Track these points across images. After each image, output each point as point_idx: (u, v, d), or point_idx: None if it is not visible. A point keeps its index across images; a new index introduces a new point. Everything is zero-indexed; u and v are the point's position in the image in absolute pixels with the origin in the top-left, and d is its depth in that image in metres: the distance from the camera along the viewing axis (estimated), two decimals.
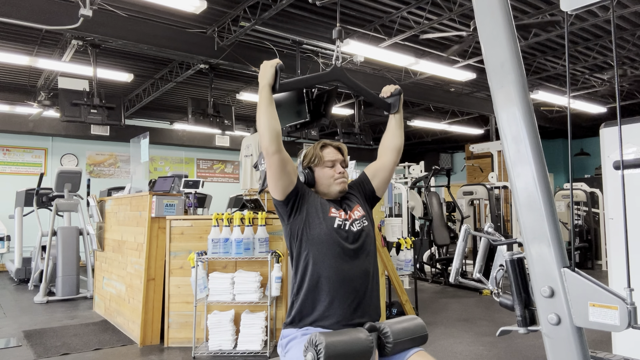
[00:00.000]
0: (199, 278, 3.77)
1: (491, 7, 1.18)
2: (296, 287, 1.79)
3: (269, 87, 1.72)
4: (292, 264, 1.84)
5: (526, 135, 1.12)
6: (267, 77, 1.72)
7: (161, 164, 11.36)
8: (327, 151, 1.90)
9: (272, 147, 1.69)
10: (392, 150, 1.98)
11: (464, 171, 13.32)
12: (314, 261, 1.75)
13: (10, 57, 6.02)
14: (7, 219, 8.42)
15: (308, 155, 1.90)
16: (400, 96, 1.97)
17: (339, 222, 1.79)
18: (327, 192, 1.88)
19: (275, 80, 1.71)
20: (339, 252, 1.75)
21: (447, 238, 7.21)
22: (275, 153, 1.70)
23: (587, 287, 1.03)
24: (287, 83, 1.75)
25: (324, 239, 1.76)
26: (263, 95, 1.71)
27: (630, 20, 6.00)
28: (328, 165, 1.88)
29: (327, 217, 1.79)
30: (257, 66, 6.52)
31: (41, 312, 5.44)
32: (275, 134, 1.70)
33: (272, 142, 1.69)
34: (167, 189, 4.48)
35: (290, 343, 1.73)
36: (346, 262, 1.75)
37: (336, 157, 1.89)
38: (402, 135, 1.99)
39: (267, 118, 1.69)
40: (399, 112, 1.98)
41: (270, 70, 1.72)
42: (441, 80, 8.20)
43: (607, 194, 3.02)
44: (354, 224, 1.83)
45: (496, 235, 1.39)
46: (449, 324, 4.75)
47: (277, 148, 1.70)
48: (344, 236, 1.78)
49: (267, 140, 1.69)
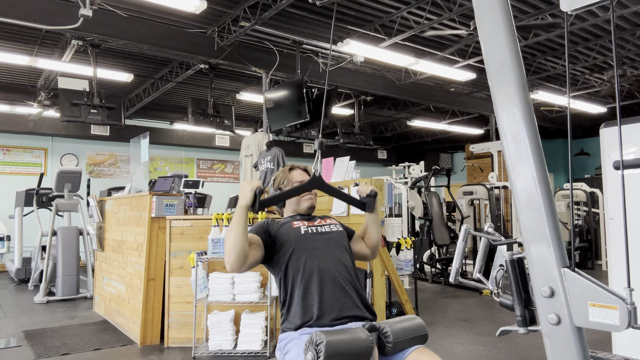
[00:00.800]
0: (199, 278, 3.77)
1: (491, 7, 1.18)
2: (282, 300, 1.88)
3: (246, 208, 1.75)
4: (278, 287, 1.93)
5: (526, 135, 1.12)
6: (245, 199, 1.74)
7: (161, 164, 11.36)
8: (295, 173, 2.10)
9: (236, 265, 1.75)
10: (369, 247, 2.12)
11: (464, 171, 13.32)
12: (294, 270, 1.85)
13: (10, 57, 6.02)
14: (7, 219, 8.42)
15: (278, 178, 2.12)
16: (376, 198, 2.04)
17: (304, 229, 1.94)
18: (297, 209, 2.06)
19: (254, 203, 1.75)
20: (310, 247, 1.88)
21: (447, 238, 7.21)
22: (240, 268, 1.76)
23: (587, 287, 1.03)
24: (265, 200, 1.81)
25: (295, 246, 1.88)
26: (238, 215, 1.75)
27: (630, 20, 6.00)
28: (296, 184, 2.04)
29: (292, 229, 1.94)
30: (257, 66, 6.53)
31: (41, 312, 5.45)
32: (242, 253, 1.74)
33: (237, 261, 1.74)
34: (167, 189, 4.48)
35: (288, 345, 1.75)
36: (323, 259, 1.86)
37: (303, 178, 2.07)
38: (379, 232, 2.11)
39: (235, 239, 1.72)
40: (375, 211, 2.06)
41: (250, 194, 1.75)
42: (441, 80, 8.20)
43: (607, 194, 3.02)
44: (320, 228, 1.98)
45: (496, 235, 1.39)
46: (449, 324, 4.75)
47: (241, 264, 1.75)
48: (311, 237, 1.92)
49: (232, 260, 1.73)
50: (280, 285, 1.90)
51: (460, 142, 13.56)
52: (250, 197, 1.74)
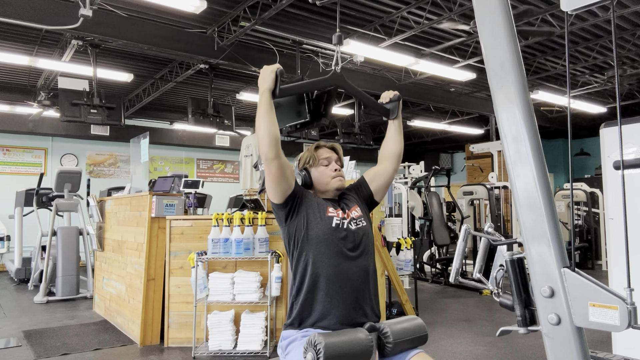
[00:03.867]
0: (199, 278, 3.77)
1: (491, 7, 1.18)
2: (295, 288, 1.79)
3: (269, 91, 1.71)
4: (291, 266, 1.84)
5: (526, 135, 1.12)
6: (267, 82, 1.70)
7: (161, 164, 11.36)
8: (321, 151, 1.94)
9: (271, 153, 1.68)
10: (391, 157, 1.98)
11: (464, 171, 13.33)
12: (313, 261, 1.75)
13: (10, 57, 6.02)
14: (7, 219, 8.42)
15: (303, 158, 1.95)
16: (399, 102, 1.97)
17: (337, 221, 1.80)
18: (324, 191, 1.90)
19: (276, 85, 1.70)
20: (337, 251, 1.76)
21: (447, 238, 7.21)
22: (274, 159, 1.69)
23: (587, 287, 1.03)
24: (286, 88, 1.74)
25: (323, 238, 1.76)
26: (263, 100, 1.70)
27: (630, 20, 6.00)
28: (323, 164, 1.91)
29: (325, 216, 1.80)
30: (257, 66, 6.52)
31: (41, 312, 5.44)
32: (275, 139, 1.69)
33: (271, 147, 1.68)
34: (167, 189, 4.48)
35: (290, 345, 1.72)
36: (345, 261, 1.76)
37: (330, 155, 1.93)
38: (401, 141, 1.99)
39: (266, 123, 1.68)
40: (398, 117, 1.98)
41: (271, 75, 1.71)
42: (441, 80, 8.20)
43: (607, 194, 3.02)
44: (352, 223, 1.83)
45: (496, 235, 1.39)
46: (449, 324, 4.75)
47: (276, 154, 1.69)
48: (342, 235, 1.79)
49: (266, 145, 1.68)
50: (293, 266, 1.81)
51: (460, 142, 13.56)
52: (272, 79, 1.69)
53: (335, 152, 1.95)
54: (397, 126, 1.99)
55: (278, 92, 1.70)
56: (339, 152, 1.97)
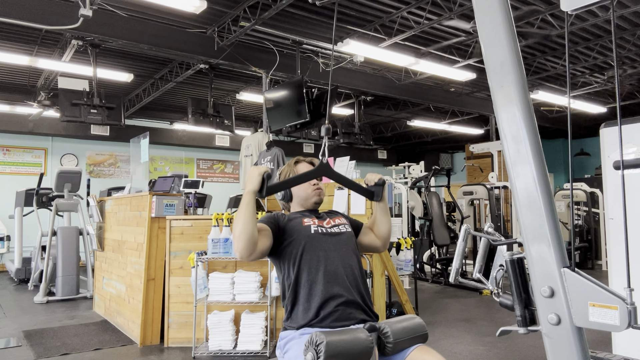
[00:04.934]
0: (199, 278, 3.77)
1: (491, 7, 1.18)
2: (290, 297, 1.84)
3: (254, 193, 1.73)
4: (280, 282, 1.92)
5: (526, 135, 1.12)
6: (253, 184, 1.72)
7: (161, 164, 11.36)
8: (300, 166, 2.06)
9: (246, 252, 1.71)
10: (381, 238, 2.08)
11: (464, 171, 13.32)
12: (299, 267, 1.83)
13: (10, 57, 6.02)
14: (7, 219, 8.42)
15: (284, 172, 2.08)
16: (384, 186, 2.01)
17: (314, 228, 1.90)
18: (304, 204, 2.02)
19: (262, 187, 1.73)
20: (323, 254, 1.84)
21: (447, 238, 7.21)
22: (250, 256, 1.73)
23: (587, 287, 1.03)
24: (273, 186, 1.78)
25: (304, 245, 1.85)
26: (246, 200, 1.73)
27: (630, 20, 6.00)
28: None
29: (302, 227, 1.90)
30: (257, 66, 6.52)
31: (41, 312, 5.44)
32: (251, 239, 1.71)
33: (246, 247, 1.71)
34: (167, 189, 4.48)
35: (288, 344, 1.75)
36: (329, 260, 1.83)
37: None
38: (389, 222, 2.07)
39: (244, 223, 1.70)
40: (383, 200, 2.03)
41: (258, 178, 1.73)
42: (441, 80, 8.20)
43: (607, 194, 3.02)
44: (333, 228, 1.94)
45: (496, 235, 1.39)
46: (449, 324, 4.75)
47: (251, 251, 1.72)
48: (321, 237, 1.88)
49: (241, 245, 1.70)
50: (284, 281, 1.88)
51: (460, 142, 13.56)
52: (258, 182, 1.72)
53: (313, 167, 2.04)
54: (383, 208, 2.05)
55: (265, 192, 1.74)
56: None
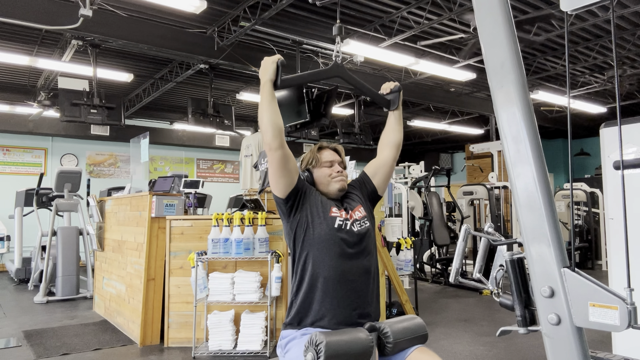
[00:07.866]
0: (199, 278, 3.77)
1: (491, 7, 1.18)
2: (295, 286, 1.80)
3: (271, 82, 1.72)
4: (292, 263, 1.85)
5: (526, 135, 1.12)
6: (268, 73, 1.72)
7: (161, 164, 11.36)
8: (324, 153, 1.95)
9: (274, 143, 1.69)
10: (391, 146, 2.00)
11: (464, 171, 13.32)
12: (314, 261, 1.76)
13: (10, 57, 6.01)
14: (7, 219, 8.42)
15: (306, 158, 1.97)
16: (400, 93, 1.99)
17: (339, 222, 1.80)
18: (327, 192, 1.91)
19: (277, 76, 1.71)
20: (339, 252, 1.76)
21: (447, 238, 7.21)
22: (278, 149, 1.70)
23: (587, 287, 1.03)
24: (288, 79, 1.74)
25: (324, 238, 1.77)
26: (265, 91, 1.71)
27: (630, 20, 6.00)
28: (326, 165, 1.92)
29: (328, 216, 1.80)
30: (257, 66, 6.50)
31: (41, 312, 5.44)
32: (278, 129, 1.70)
33: (274, 137, 1.69)
34: (167, 189, 4.48)
35: (289, 344, 1.73)
36: (346, 262, 1.76)
37: (333, 158, 1.94)
38: (401, 131, 2.01)
39: (269, 114, 1.69)
40: (399, 108, 2.00)
41: (272, 66, 1.72)
42: (441, 80, 8.20)
43: (607, 194, 3.02)
44: (355, 224, 1.84)
45: (496, 235, 1.39)
46: (449, 324, 4.75)
47: (280, 144, 1.70)
48: (344, 237, 1.79)
49: (269, 136, 1.69)
50: (294, 264, 1.81)
51: (460, 142, 13.56)
52: (273, 70, 1.70)
53: (338, 154, 1.98)
54: (398, 116, 2.01)
55: (280, 82, 1.70)
56: (342, 154, 2.00)
